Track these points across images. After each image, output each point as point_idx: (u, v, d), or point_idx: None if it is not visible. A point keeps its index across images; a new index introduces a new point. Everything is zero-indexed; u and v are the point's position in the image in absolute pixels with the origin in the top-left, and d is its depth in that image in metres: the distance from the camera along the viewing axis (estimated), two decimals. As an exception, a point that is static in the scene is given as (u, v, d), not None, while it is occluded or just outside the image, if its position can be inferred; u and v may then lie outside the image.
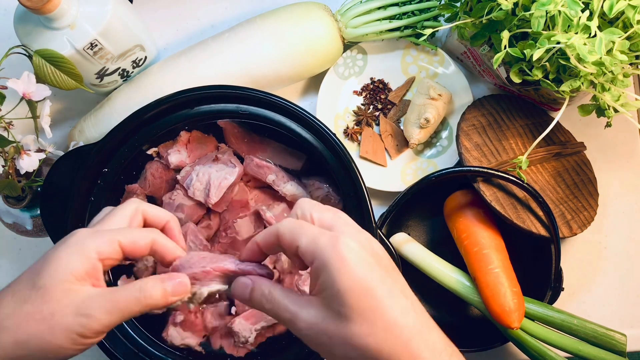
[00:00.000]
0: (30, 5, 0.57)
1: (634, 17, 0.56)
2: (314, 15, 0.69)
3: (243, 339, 0.64)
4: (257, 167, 0.67)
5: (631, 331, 0.71)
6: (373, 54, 0.76)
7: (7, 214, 0.68)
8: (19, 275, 0.43)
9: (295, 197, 0.67)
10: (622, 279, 0.76)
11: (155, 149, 0.67)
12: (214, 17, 0.79)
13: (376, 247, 0.42)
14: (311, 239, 0.40)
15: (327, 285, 0.39)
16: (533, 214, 0.66)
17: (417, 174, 0.75)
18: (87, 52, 0.63)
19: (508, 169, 0.67)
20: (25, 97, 0.60)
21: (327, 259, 0.39)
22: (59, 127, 0.77)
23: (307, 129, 0.63)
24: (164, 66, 0.70)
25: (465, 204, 0.69)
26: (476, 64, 0.73)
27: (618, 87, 0.59)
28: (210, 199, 0.65)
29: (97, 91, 0.72)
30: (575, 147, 0.73)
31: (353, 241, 0.39)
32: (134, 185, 0.67)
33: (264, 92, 0.63)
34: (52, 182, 0.62)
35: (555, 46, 0.55)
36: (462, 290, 0.66)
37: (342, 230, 0.41)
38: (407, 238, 0.69)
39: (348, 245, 0.39)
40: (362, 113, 0.76)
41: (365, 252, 0.40)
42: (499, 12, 0.59)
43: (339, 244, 0.39)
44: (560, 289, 0.68)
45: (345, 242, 0.39)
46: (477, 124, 0.70)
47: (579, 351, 0.63)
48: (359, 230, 0.42)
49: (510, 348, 0.73)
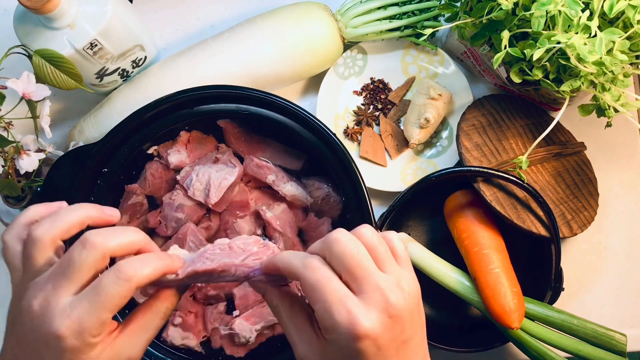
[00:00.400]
0: (30, 5, 0.57)
1: (634, 17, 0.56)
2: (314, 15, 0.69)
3: (243, 339, 0.64)
4: (257, 167, 0.67)
5: (631, 331, 0.71)
6: (373, 54, 0.76)
7: (7, 214, 0.68)
8: None
9: (295, 197, 0.67)
10: (622, 279, 0.76)
11: (155, 148, 0.67)
12: (214, 17, 0.79)
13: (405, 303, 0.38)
14: (326, 309, 0.37)
15: (334, 346, 0.37)
16: (533, 214, 0.66)
17: (417, 174, 0.75)
18: (87, 52, 0.63)
19: (508, 169, 0.67)
20: (25, 97, 0.60)
21: (341, 335, 0.37)
22: (59, 127, 0.77)
23: (307, 129, 0.63)
24: (164, 66, 0.70)
25: (465, 204, 0.69)
26: (476, 64, 0.73)
27: (618, 87, 0.59)
28: (210, 199, 0.65)
29: (97, 91, 0.72)
30: (576, 147, 0.73)
31: (373, 323, 0.36)
32: (134, 185, 0.67)
33: (264, 92, 0.62)
34: (51, 182, 0.62)
35: (556, 46, 0.55)
36: (462, 290, 0.66)
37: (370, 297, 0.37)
38: (407, 238, 0.69)
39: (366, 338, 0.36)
40: (362, 113, 0.76)
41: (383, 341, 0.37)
42: (499, 12, 0.59)
43: (358, 341, 0.36)
44: (560, 289, 0.68)
45: (364, 329, 0.36)
46: (477, 124, 0.69)
47: (579, 351, 0.63)
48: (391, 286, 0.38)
49: (510, 348, 0.73)
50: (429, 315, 0.73)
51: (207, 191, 0.65)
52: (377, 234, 0.40)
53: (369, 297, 0.37)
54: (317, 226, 0.67)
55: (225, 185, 0.65)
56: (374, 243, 0.40)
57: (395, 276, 0.39)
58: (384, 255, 0.40)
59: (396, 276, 0.39)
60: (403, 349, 0.38)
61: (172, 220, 0.66)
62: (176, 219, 0.66)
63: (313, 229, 0.67)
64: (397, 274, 0.39)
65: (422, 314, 0.41)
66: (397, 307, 0.37)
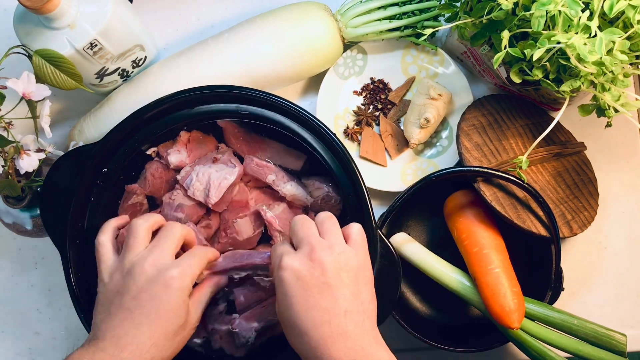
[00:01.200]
0: (30, 5, 0.57)
1: (634, 17, 0.56)
2: (314, 15, 0.69)
3: (243, 339, 0.64)
4: (257, 167, 0.67)
5: (631, 331, 0.71)
6: (373, 54, 0.76)
7: (7, 214, 0.68)
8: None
9: (295, 197, 0.67)
10: (622, 279, 0.76)
11: (154, 149, 0.67)
12: (214, 17, 0.79)
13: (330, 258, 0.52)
14: (272, 258, 0.55)
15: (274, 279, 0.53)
16: (533, 214, 0.66)
17: (417, 174, 0.75)
18: (87, 52, 0.63)
19: (508, 169, 0.67)
20: (25, 97, 0.60)
21: (274, 270, 0.54)
22: (59, 127, 0.77)
23: (307, 129, 0.63)
24: (164, 66, 0.70)
25: (465, 204, 0.69)
26: (476, 64, 0.73)
27: (618, 87, 0.59)
28: (210, 199, 0.65)
29: (97, 91, 0.72)
30: (576, 147, 0.73)
31: (293, 260, 0.51)
32: (134, 186, 0.67)
33: (264, 92, 0.62)
34: (52, 182, 0.62)
35: (556, 46, 0.55)
36: (462, 290, 0.66)
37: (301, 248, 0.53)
38: (407, 238, 0.69)
39: (285, 269, 0.51)
40: (362, 113, 0.76)
41: (301, 273, 0.51)
42: (499, 12, 0.59)
43: (280, 270, 0.52)
44: (560, 289, 0.68)
45: (284, 262, 0.52)
46: (477, 124, 0.69)
47: (579, 351, 0.63)
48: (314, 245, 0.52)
49: (510, 348, 0.73)
50: (429, 315, 0.73)
51: (207, 191, 0.65)
52: (329, 218, 0.55)
53: (300, 248, 0.53)
54: (317, 226, 0.67)
55: (225, 185, 0.65)
56: (319, 220, 0.55)
57: (330, 242, 0.53)
58: (327, 228, 0.54)
59: (332, 242, 0.53)
60: (325, 290, 0.50)
61: (172, 220, 0.66)
62: (176, 218, 0.66)
63: (313, 229, 0.67)
64: (333, 242, 0.53)
65: (357, 283, 0.52)
66: (319, 256, 0.51)
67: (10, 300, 0.76)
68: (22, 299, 0.76)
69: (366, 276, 0.54)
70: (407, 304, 0.73)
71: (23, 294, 0.76)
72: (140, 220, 0.57)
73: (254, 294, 0.65)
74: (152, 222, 0.57)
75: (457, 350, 0.67)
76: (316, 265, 0.51)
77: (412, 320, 0.68)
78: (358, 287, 0.52)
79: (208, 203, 0.65)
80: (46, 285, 0.76)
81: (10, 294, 0.76)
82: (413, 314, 0.72)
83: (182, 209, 0.66)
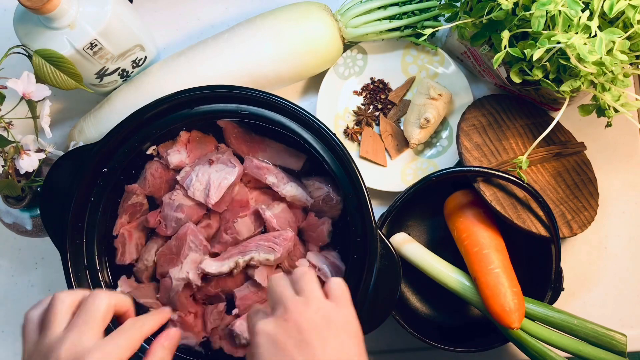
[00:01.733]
0: (30, 5, 0.57)
1: (634, 17, 0.56)
2: (314, 15, 0.69)
3: (243, 339, 0.64)
4: (257, 169, 0.67)
5: (631, 331, 0.71)
6: (373, 54, 0.76)
7: (7, 214, 0.68)
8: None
9: (295, 198, 0.67)
10: (622, 279, 0.76)
11: (154, 147, 0.67)
12: (214, 17, 0.79)
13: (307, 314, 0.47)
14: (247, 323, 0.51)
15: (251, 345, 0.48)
16: (533, 214, 0.66)
17: (417, 174, 0.75)
18: (87, 52, 0.63)
19: (508, 169, 0.67)
20: (25, 97, 0.60)
21: (249, 335, 0.49)
22: (59, 127, 0.77)
23: (307, 129, 0.63)
24: (164, 66, 0.70)
25: (465, 204, 0.69)
26: (476, 64, 0.73)
27: (618, 87, 0.59)
28: (210, 199, 0.65)
29: (97, 91, 0.72)
30: (576, 147, 0.73)
31: (267, 324, 0.47)
32: (134, 186, 0.67)
33: (264, 92, 0.62)
34: (52, 182, 0.62)
35: (556, 46, 0.55)
36: (462, 290, 0.66)
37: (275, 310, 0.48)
38: (407, 238, 0.69)
39: (259, 334, 0.47)
40: (362, 113, 0.76)
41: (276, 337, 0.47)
42: (499, 12, 0.59)
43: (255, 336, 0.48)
44: (560, 289, 0.68)
45: (257, 328, 0.47)
46: (477, 123, 0.69)
47: (579, 351, 0.63)
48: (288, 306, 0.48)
49: (510, 348, 0.73)
50: (429, 315, 0.73)
51: (207, 191, 0.65)
52: (304, 274, 0.51)
53: (275, 310, 0.49)
54: (317, 226, 0.67)
55: (225, 185, 0.65)
56: (295, 277, 0.51)
57: (306, 298, 0.49)
58: (302, 285, 0.50)
59: (308, 299, 0.49)
60: (304, 348, 0.46)
61: (172, 220, 0.66)
62: (176, 219, 0.66)
63: (313, 228, 0.67)
64: (310, 298, 0.49)
65: (340, 337, 0.48)
66: (294, 314, 0.47)
67: (10, 300, 0.76)
68: (22, 299, 0.76)
69: (351, 330, 0.49)
70: (407, 304, 0.73)
71: (23, 294, 0.76)
72: (62, 294, 0.49)
73: (254, 294, 0.65)
74: (78, 295, 0.50)
75: (457, 350, 0.67)
76: (291, 326, 0.47)
77: (412, 320, 0.68)
78: (341, 342, 0.48)
79: (208, 203, 0.65)
80: (46, 285, 0.76)
81: (10, 294, 0.76)
82: (413, 314, 0.72)
83: (182, 209, 0.66)
